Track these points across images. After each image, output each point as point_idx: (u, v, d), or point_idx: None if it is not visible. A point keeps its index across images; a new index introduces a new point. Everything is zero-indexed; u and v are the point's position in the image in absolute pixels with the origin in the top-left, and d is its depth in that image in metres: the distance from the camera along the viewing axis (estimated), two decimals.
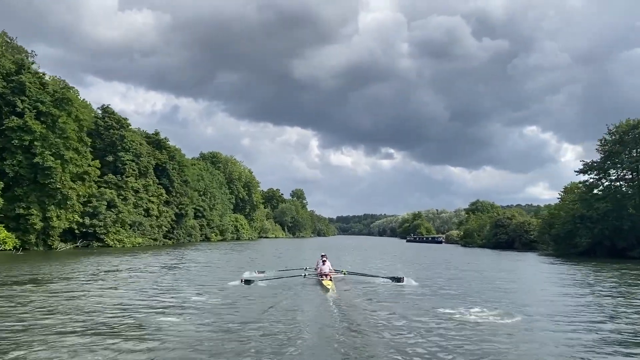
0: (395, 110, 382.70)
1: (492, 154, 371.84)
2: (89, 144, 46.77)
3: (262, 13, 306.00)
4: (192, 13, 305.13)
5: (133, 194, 54.15)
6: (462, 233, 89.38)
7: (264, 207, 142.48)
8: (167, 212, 61.00)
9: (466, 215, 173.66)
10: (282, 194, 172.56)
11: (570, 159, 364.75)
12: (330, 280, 19.18)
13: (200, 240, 77.28)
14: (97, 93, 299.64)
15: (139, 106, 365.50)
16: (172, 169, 64.16)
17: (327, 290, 17.54)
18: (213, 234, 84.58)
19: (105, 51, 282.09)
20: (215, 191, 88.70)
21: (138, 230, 53.63)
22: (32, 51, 48.23)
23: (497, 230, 69.53)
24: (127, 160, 54.20)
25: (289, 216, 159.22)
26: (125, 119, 56.95)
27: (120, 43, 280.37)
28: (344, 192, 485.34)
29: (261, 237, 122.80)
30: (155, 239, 56.99)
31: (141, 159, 56.09)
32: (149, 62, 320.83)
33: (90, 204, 48.32)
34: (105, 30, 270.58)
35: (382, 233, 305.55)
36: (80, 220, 47.28)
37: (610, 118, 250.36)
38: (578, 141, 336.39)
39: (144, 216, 55.73)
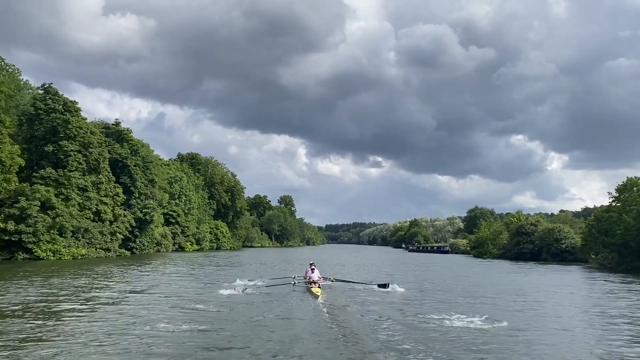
0: (382, 119, 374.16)
1: (479, 162, 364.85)
2: (8, 123, 35.89)
3: (248, 20, 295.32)
4: (177, 19, 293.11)
5: (78, 192, 43.07)
6: (472, 242, 79.10)
7: (250, 215, 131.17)
8: (125, 216, 49.81)
9: (462, 223, 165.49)
10: (269, 201, 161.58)
11: (557, 168, 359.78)
12: (319, 287, 19.38)
13: (173, 251, 66.33)
14: (81, 100, 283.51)
15: (124, 114, 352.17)
16: (135, 166, 53.08)
17: (317, 297, 17.77)
18: (188, 243, 73.37)
19: (89, 57, 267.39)
20: (191, 194, 77.69)
21: (83, 238, 42.47)
22: None
23: (519, 239, 59.43)
24: (71, 151, 43.27)
25: (276, 224, 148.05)
26: (74, 102, 46.16)
27: (104, 49, 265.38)
28: (333, 200, 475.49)
29: (245, 246, 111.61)
30: (107, 250, 45.79)
31: (91, 150, 45.05)
32: (133, 68, 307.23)
33: (17, 205, 37.43)
34: (89, 36, 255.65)
35: (372, 242, 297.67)
36: (2, 226, 36.52)
37: (596, 128, 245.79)
38: (565, 150, 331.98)
39: (93, 221, 44.62)
